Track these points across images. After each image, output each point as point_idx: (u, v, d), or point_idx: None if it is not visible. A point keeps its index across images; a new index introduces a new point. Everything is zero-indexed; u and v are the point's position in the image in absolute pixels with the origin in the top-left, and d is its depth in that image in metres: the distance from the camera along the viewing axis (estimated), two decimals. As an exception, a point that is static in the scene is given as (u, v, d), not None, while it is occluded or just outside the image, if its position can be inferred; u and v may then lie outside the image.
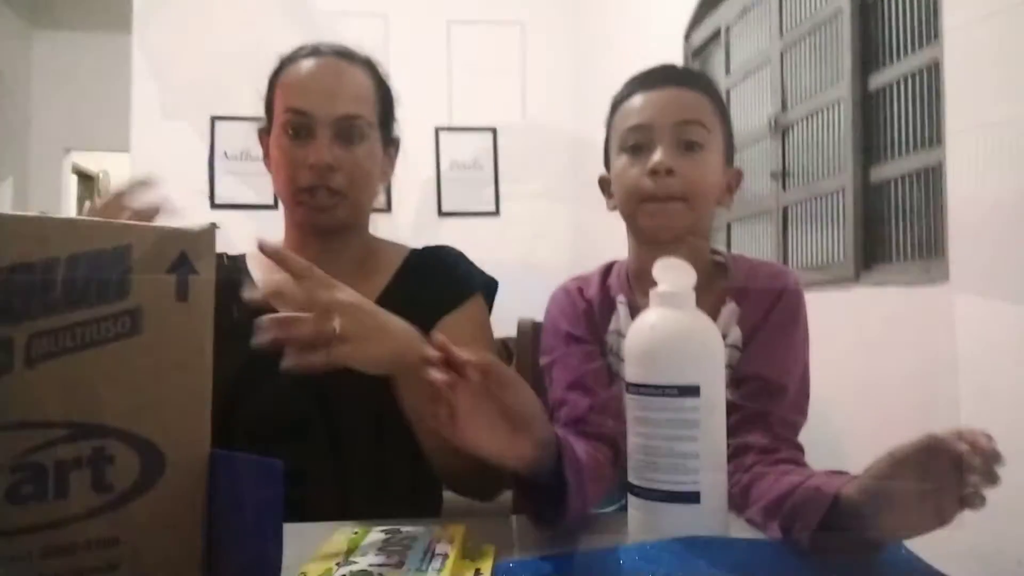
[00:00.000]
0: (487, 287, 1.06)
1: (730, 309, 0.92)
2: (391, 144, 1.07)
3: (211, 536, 0.54)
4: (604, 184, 1.01)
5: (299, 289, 0.69)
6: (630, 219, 0.95)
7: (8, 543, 0.45)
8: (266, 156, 1.04)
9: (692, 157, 0.91)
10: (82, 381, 0.48)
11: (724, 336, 0.89)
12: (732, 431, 0.82)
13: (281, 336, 0.66)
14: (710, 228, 1.00)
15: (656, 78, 0.95)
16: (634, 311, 0.93)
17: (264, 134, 1.04)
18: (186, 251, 0.53)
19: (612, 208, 0.98)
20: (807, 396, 0.91)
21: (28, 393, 0.46)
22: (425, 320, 0.99)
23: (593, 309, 0.97)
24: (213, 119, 3.80)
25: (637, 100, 0.94)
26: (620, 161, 0.94)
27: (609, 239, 1.03)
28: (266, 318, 0.68)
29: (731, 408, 0.85)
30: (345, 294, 0.73)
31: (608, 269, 1.02)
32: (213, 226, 0.55)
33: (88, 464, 0.48)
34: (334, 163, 0.95)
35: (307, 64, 1.00)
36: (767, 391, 0.87)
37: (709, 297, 0.91)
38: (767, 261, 1.02)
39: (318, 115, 0.96)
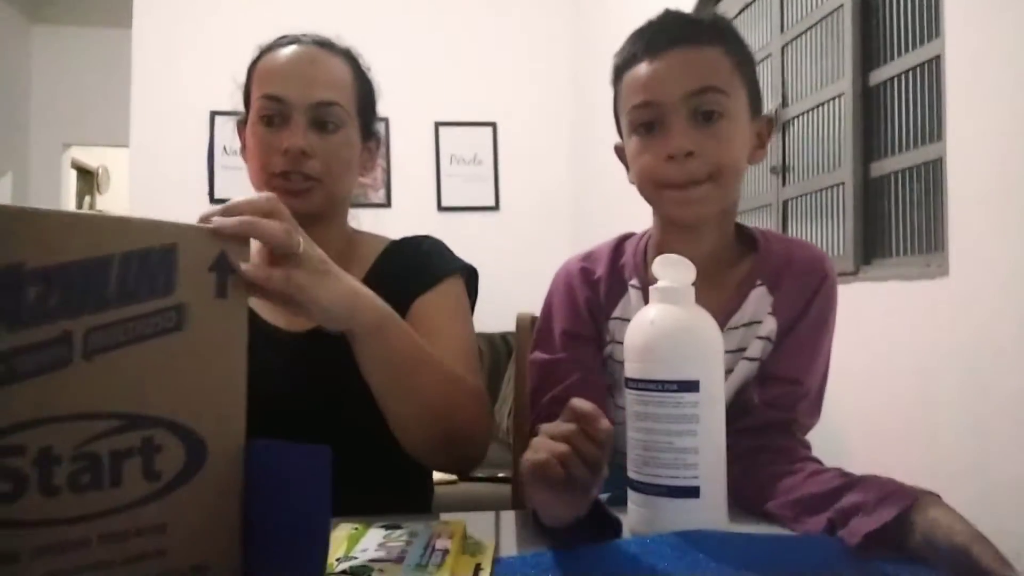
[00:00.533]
0: (465, 271, 1.04)
1: (759, 294, 0.86)
2: (371, 138, 1.05)
3: (256, 522, 0.56)
4: (621, 154, 0.92)
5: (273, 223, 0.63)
6: (652, 204, 0.88)
7: (69, 530, 0.47)
8: (243, 148, 1.03)
9: (712, 129, 0.81)
10: (133, 374, 0.50)
11: (754, 323, 0.86)
12: (752, 432, 0.81)
13: (248, 228, 0.58)
14: (738, 194, 0.91)
15: (661, 40, 0.85)
16: (648, 295, 0.87)
17: (242, 126, 1.03)
18: (225, 251, 0.56)
19: (632, 181, 0.89)
20: (823, 395, 0.88)
21: (86, 385, 0.48)
22: (401, 305, 0.98)
23: (598, 293, 0.91)
24: (212, 114, 3.79)
25: (642, 70, 0.84)
26: (633, 142, 0.86)
27: (609, 234, 1.02)
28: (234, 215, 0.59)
29: (752, 408, 0.83)
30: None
31: (620, 245, 0.95)
32: None
33: (139, 453, 0.50)
34: (308, 149, 0.94)
35: (285, 52, 0.99)
36: (793, 395, 0.84)
37: (735, 275, 0.87)
38: (802, 242, 0.94)
39: (293, 101, 0.95)
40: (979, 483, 1.35)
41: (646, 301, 0.87)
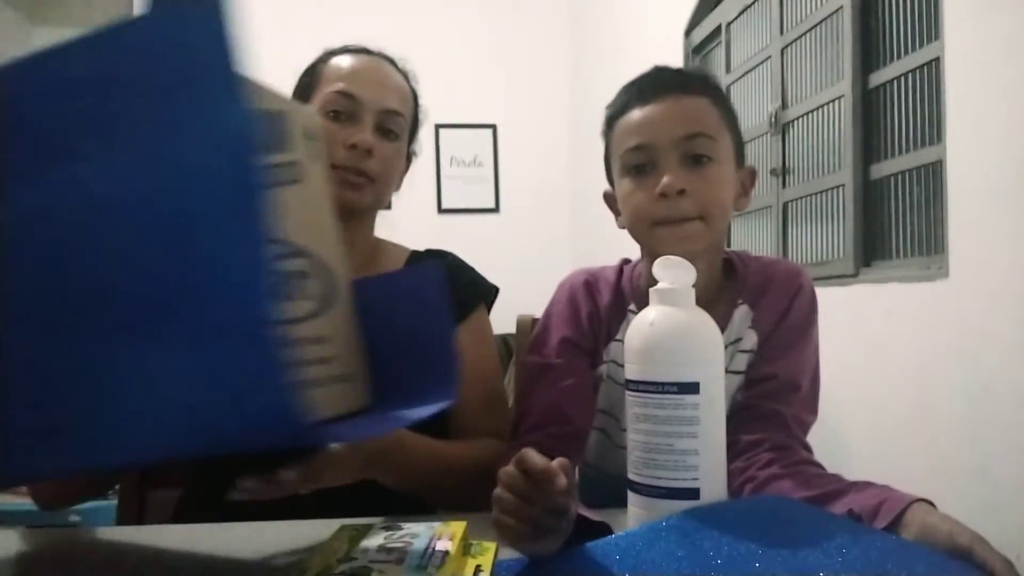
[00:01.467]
0: (488, 295, 1.08)
1: (742, 312, 0.90)
2: (409, 158, 1.10)
3: (384, 347, 0.66)
4: (610, 200, 0.95)
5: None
6: (643, 243, 0.91)
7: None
8: None
9: (701, 171, 0.85)
10: (283, 212, 0.58)
11: (738, 340, 0.89)
12: (745, 427, 0.83)
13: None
14: (725, 234, 0.96)
15: (652, 89, 0.88)
16: None
17: None
18: (309, 125, 0.65)
19: (622, 226, 0.93)
20: (818, 394, 0.90)
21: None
22: None
23: (600, 313, 0.94)
24: (213, 116, 3.80)
25: (635, 116, 0.88)
26: (624, 184, 0.89)
27: (608, 235, 1.02)
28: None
29: (744, 406, 0.86)
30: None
31: (622, 269, 0.98)
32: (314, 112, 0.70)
33: (301, 276, 0.60)
34: (374, 149, 0.97)
35: (359, 57, 1.03)
36: (781, 389, 0.86)
37: (720, 301, 0.91)
38: (776, 259, 0.99)
39: (366, 101, 0.98)
40: (979, 484, 1.35)
41: None
